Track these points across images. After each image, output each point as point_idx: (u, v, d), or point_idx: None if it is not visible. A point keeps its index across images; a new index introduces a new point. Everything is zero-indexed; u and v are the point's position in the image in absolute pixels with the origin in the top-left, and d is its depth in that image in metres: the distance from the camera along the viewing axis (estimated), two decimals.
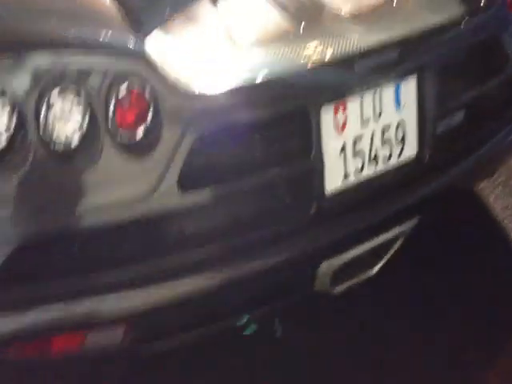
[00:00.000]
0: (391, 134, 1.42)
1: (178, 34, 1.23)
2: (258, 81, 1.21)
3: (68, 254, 1.14)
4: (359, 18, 1.40)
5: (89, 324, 1.18)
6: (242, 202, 1.27)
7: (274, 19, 1.36)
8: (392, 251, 1.50)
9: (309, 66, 1.28)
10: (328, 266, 1.38)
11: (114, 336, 1.21)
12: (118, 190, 1.13)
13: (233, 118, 1.21)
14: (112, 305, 1.18)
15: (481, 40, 1.55)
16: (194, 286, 1.24)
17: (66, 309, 1.14)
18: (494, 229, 2.01)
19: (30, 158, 1.05)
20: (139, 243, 1.19)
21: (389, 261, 1.53)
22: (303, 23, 1.34)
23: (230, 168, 1.24)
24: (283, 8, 1.37)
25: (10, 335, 1.15)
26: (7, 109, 1.03)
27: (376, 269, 1.51)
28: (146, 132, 1.11)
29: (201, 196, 1.20)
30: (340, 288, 1.46)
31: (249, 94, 1.21)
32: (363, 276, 1.50)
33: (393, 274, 1.55)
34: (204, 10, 1.31)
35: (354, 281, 1.48)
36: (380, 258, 1.50)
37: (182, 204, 1.18)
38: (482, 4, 1.52)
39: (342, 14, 1.40)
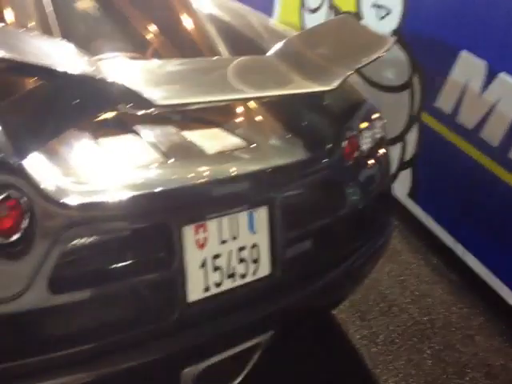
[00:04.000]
0: (246, 254, 1.68)
1: (58, 153, 1.49)
2: (125, 198, 1.46)
3: None
4: (222, 155, 1.76)
5: None
6: (110, 306, 1.45)
7: (147, 151, 1.68)
8: (251, 362, 1.68)
9: (173, 190, 1.56)
10: (189, 372, 1.54)
11: None
12: None
13: (104, 228, 1.44)
14: None
15: (323, 181, 1.91)
16: None
17: None
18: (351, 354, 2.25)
19: None
20: (8, 342, 1.31)
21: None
22: (173, 156, 1.66)
23: (99, 273, 1.43)
24: (157, 143, 1.68)
25: None
26: None
27: (238, 379, 1.67)
28: (20, 237, 1.30)
29: (70, 299, 1.37)
30: None
31: (118, 208, 1.45)
32: None
33: None
34: (85, 138, 1.59)
35: None
36: (241, 368, 1.67)
37: (51, 306, 1.34)
38: (324, 151, 1.91)
39: (208, 151, 1.75)
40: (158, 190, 1.53)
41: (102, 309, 1.44)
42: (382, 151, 2.11)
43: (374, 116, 2.08)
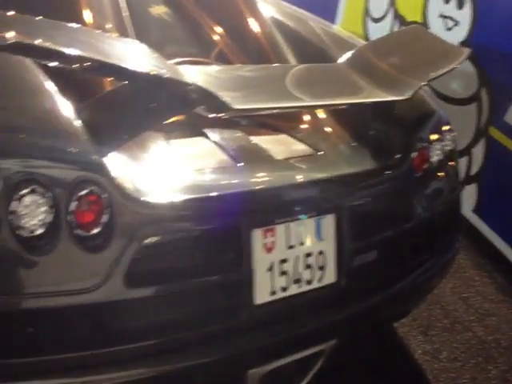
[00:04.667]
0: (313, 260, 1.71)
1: (134, 152, 1.58)
2: (200, 199, 1.53)
3: (19, 333, 1.33)
4: (290, 161, 1.81)
5: None
6: (179, 304, 1.51)
7: (217, 154, 1.74)
8: (314, 369, 1.71)
9: (243, 193, 1.61)
10: (255, 374, 1.59)
11: None
12: (69, 278, 1.36)
13: (177, 227, 1.50)
14: None
15: (391, 191, 1.93)
16: (128, 378, 1.43)
17: None
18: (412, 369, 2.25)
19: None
20: (82, 332, 1.40)
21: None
22: (242, 160, 1.72)
23: (171, 271, 1.49)
24: (226, 147, 1.74)
25: None
26: None
27: None
28: (100, 232, 1.37)
29: (143, 294, 1.44)
30: None
31: (191, 209, 1.51)
32: None
33: None
34: (158, 138, 1.67)
35: None
36: (304, 374, 1.70)
37: (125, 299, 1.41)
38: (393, 162, 1.93)
39: (277, 156, 1.80)
40: (229, 192, 1.59)
41: (171, 306, 1.50)
42: (451, 164, 2.11)
43: (445, 128, 2.08)
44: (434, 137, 2.02)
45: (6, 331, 1.33)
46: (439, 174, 2.05)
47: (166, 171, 1.60)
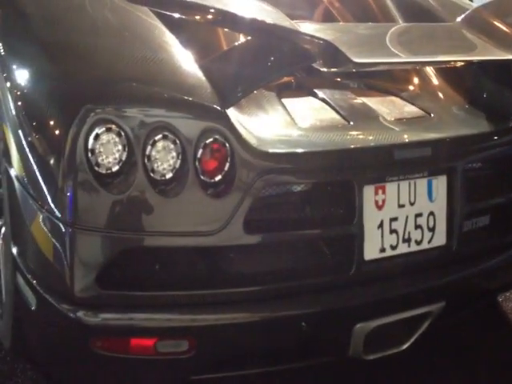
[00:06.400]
0: (423, 221, 1.78)
1: (252, 107, 1.71)
2: (315, 153, 1.64)
3: (147, 269, 1.51)
4: (401, 121, 1.88)
5: (157, 332, 1.52)
6: (292, 253, 1.63)
7: (328, 112, 1.84)
8: (420, 330, 1.80)
9: (356, 150, 1.70)
10: (362, 328, 1.67)
11: (180, 347, 1.53)
12: (193, 221, 1.50)
13: (293, 179, 1.62)
14: (177, 320, 1.53)
15: (506, 155, 1.97)
16: (236, 320, 1.58)
17: (139, 317, 1.51)
18: None
19: (134, 183, 1.45)
20: (200, 272, 1.56)
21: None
22: (353, 119, 1.81)
23: (285, 221, 1.61)
24: (339, 107, 1.85)
25: (100, 329, 1.50)
26: (121, 145, 1.44)
27: (406, 345, 1.80)
28: (223, 178, 1.50)
29: (259, 240, 1.57)
30: (372, 356, 1.75)
31: (306, 162, 1.62)
32: (393, 349, 1.79)
33: None
34: (271, 96, 1.80)
35: (385, 351, 1.77)
36: (409, 335, 1.79)
37: (243, 244, 1.55)
38: (508, 126, 1.96)
39: (387, 117, 1.88)
40: (343, 148, 1.68)
41: (283, 255, 1.63)
42: None
43: None
44: None
45: (131, 265, 1.49)
46: None
47: (281, 125, 1.71)
